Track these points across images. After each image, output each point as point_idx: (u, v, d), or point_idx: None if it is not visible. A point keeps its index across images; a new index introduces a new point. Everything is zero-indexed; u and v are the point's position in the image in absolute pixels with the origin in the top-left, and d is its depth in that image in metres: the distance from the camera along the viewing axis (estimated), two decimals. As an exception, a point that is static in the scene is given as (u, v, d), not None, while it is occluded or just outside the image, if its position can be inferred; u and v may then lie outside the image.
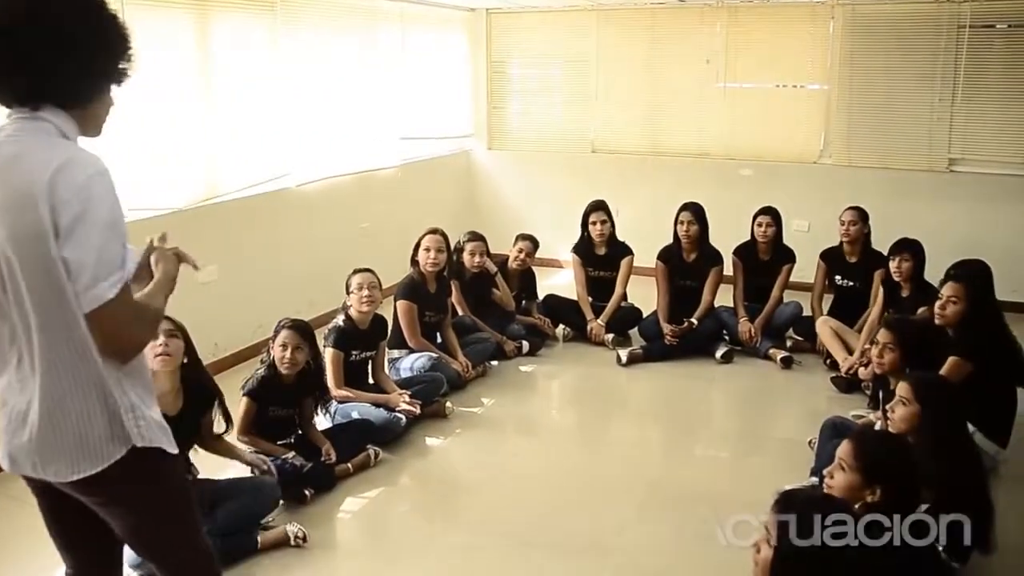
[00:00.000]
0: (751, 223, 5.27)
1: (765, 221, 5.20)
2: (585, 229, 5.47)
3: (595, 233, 5.40)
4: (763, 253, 5.28)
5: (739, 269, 5.31)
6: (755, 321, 5.13)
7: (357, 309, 4.00)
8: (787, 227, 5.39)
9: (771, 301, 5.19)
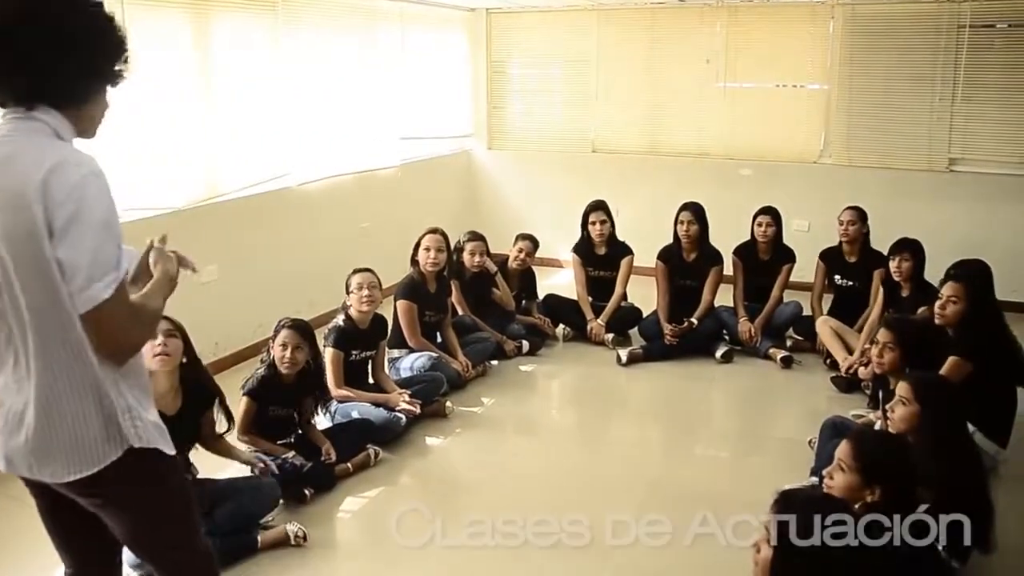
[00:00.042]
0: (751, 223, 5.27)
1: (765, 221, 5.21)
2: (585, 229, 5.46)
3: (595, 233, 5.40)
4: (763, 253, 5.28)
5: (739, 269, 5.31)
6: (755, 321, 5.13)
7: (357, 309, 4.00)
8: (787, 227, 5.39)
9: (771, 301, 5.19)
